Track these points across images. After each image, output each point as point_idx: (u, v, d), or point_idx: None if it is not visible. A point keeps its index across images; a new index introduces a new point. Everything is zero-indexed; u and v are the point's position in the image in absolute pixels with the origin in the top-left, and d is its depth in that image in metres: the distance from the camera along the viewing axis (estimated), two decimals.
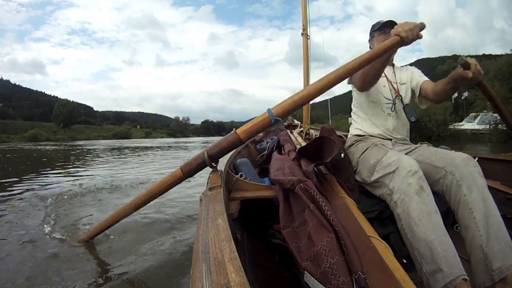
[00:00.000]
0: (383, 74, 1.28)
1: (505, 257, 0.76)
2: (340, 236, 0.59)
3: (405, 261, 0.89)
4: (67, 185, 3.61)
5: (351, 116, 1.42)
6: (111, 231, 1.81)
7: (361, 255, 0.57)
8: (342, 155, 1.02)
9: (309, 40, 2.74)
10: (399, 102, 1.28)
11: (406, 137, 1.30)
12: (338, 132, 1.86)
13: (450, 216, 0.91)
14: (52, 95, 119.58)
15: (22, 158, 9.21)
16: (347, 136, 1.43)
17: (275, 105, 0.91)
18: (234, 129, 0.94)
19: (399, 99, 1.28)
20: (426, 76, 1.34)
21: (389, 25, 1.28)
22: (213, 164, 0.97)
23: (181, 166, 0.93)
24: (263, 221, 1.10)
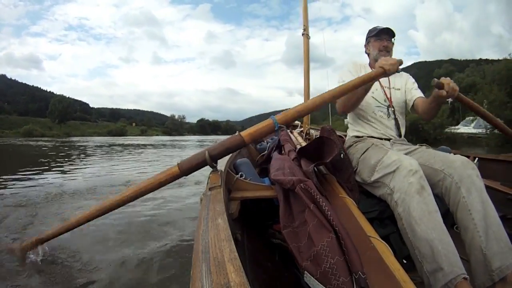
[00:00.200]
0: None
1: (504, 257, 0.76)
2: (340, 236, 0.59)
3: (405, 262, 0.89)
4: (44, 184, 3.53)
5: (347, 118, 1.43)
6: (114, 230, 1.81)
7: (361, 255, 0.57)
8: (342, 155, 1.02)
9: (310, 41, 2.74)
10: (391, 107, 1.31)
11: (404, 137, 1.31)
12: (338, 132, 1.85)
13: (450, 218, 0.92)
14: (48, 91, 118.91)
15: (8, 154, 8.98)
16: (346, 137, 1.44)
17: (279, 114, 0.97)
18: (238, 132, 0.95)
19: (391, 105, 1.31)
20: (424, 79, 1.36)
21: (386, 32, 1.31)
22: (213, 164, 0.97)
23: (179, 163, 0.90)
24: (263, 221, 1.10)
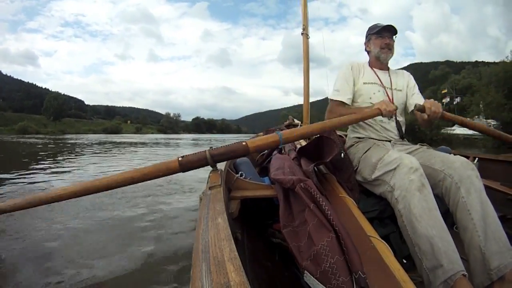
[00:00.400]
0: (378, 79, 1.30)
1: (503, 257, 0.77)
2: (340, 236, 0.59)
3: (405, 261, 0.89)
4: (23, 184, 3.46)
5: None
6: (114, 229, 1.81)
7: (361, 255, 0.57)
8: (342, 155, 1.03)
9: (309, 40, 2.73)
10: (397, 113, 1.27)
11: (404, 137, 1.30)
12: (338, 132, 1.85)
13: (449, 217, 0.92)
14: (44, 88, 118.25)
15: None
16: (346, 136, 1.44)
17: (285, 131, 1.01)
18: (245, 142, 0.94)
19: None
20: (419, 80, 1.35)
21: (388, 29, 1.29)
22: (214, 164, 0.96)
23: (179, 159, 0.88)
24: (263, 221, 1.10)
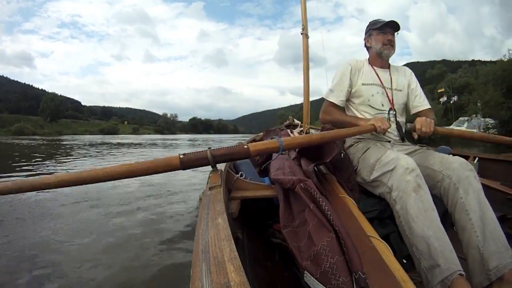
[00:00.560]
0: (378, 79, 1.27)
1: (501, 257, 0.77)
2: (340, 236, 0.59)
3: (405, 261, 0.89)
4: None
5: None
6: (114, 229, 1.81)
7: (361, 255, 0.57)
8: (342, 155, 1.03)
9: (309, 40, 2.73)
10: (392, 110, 1.26)
11: (405, 138, 1.29)
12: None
13: (449, 218, 0.93)
14: (40, 89, 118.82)
15: None
16: None
17: (286, 138, 1.02)
18: (247, 144, 0.94)
19: (392, 108, 1.26)
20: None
21: (390, 25, 1.26)
22: (215, 164, 0.96)
23: (181, 157, 0.88)
24: (263, 221, 1.10)
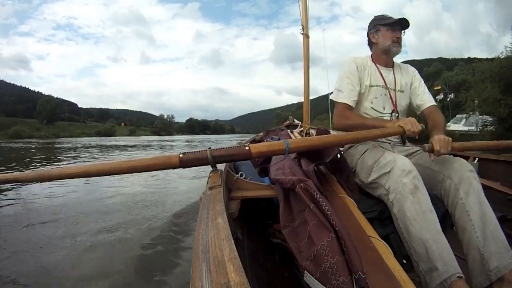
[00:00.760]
0: (382, 79, 1.22)
1: (502, 257, 0.77)
2: (340, 236, 0.59)
3: (405, 262, 0.89)
4: None
5: None
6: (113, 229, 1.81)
7: (361, 255, 0.57)
8: (339, 156, 1.03)
9: (299, 39, 2.73)
10: (395, 112, 1.23)
11: (405, 141, 1.25)
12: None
13: (449, 218, 0.93)
14: (36, 91, 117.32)
15: None
16: None
17: (293, 140, 0.99)
18: (248, 144, 0.92)
19: (395, 110, 1.22)
20: None
21: (401, 23, 1.21)
22: (215, 164, 0.96)
23: (181, 155, 0.89)
24: (263, 221, 1.10)
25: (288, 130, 2.73)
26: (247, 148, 0.88)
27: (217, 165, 0.97)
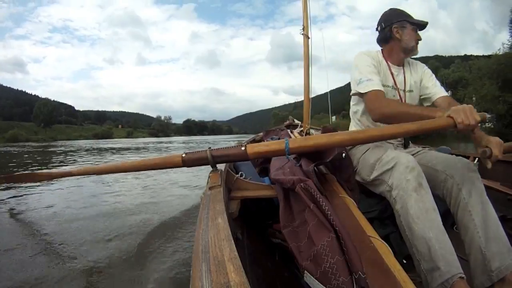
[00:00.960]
0: (392, 79, 1.18)
1: (503, 258, 0.76)
2: (340, 236, 0.59)
3: (405, 261, 0.89)
4: None
5: (351, 118, 1.32)
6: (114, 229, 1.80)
7: (361, 255, 0.57)
8: (344, 155, 1.02)
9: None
10: None
11: (408, 144, 1.25)
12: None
13: (450, 218, 0.92)
14: (33, 94, 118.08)
15: None
16: None
17: (295, 139, 0.88)
18: (245, 144, 0.92)
19: None
20: None
21: (424, 27, 1.18)
22: (215, 164, 0.97)
23: (183, 155, 0.95)
24: (263, 221, 1.10)
25: (288, 130, 2.73)
26: (243, 149, 0.88)
27: (218, 165, 0.98)
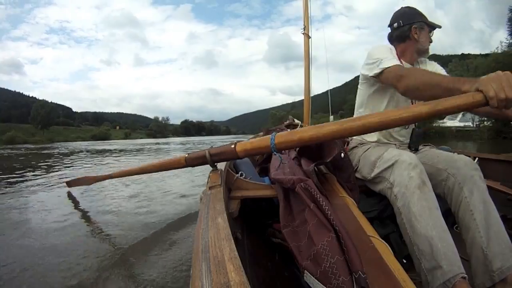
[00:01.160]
0: None
1: (505, 258, 0.76)
2: (340, 236, 0.59)
3: (405, 261, 0.89)
4: None
5: (355, 114, 1.28)
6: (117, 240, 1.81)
7: (361, 255, 0.57)
8: (342, 155, 1.02)
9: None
10: None
11: (416, 146, 1.22)
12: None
13: (450, 217, 0.92)
14: (30, 96, 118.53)
15: None
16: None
17: (281, 134, 0.81)
18: (235, 143, 0.92)
19: None
20: None
21: (434, 29, 1.18)
22: (214, 163, 0.97)
23: (186, 156, 1.01)
24: (263, 220, 1.10)
25: (288, 130, 2.72)
26: (233, 147, 0.90)
27: (218, 165, 0.98)
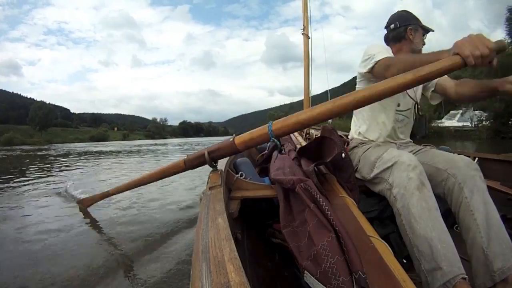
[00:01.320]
0: None
1: (506, 258, 0.76)
2: (340, 236, 0.59)
3: (405, 261, 0.89)
4: None
5: (354, 116, 1.32)
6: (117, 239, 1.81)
7: (361, 255, 0.57)
8: (343, 155, 1.02)
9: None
10: (413, 111, 1.22)
11: (410, 139, 1.27)
12: (340, 132, 1.85)
13: (450, 218, 0.92)
14: (28, 97, 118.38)
15: None
16: (347, 136, 1.42)
17: (277, 120, 0.82)
18: (234, 136, 0.92)
19: (415, 108, 1.21)
20: None
21: (427, 33, 1.22)
22: (213, 164, 0.97)
23: (185, 159, 1.01)
24: (263, 221, 1.10)
25: None
26: (231, 140, 0.90)
27: (217, 166, 0.98)
